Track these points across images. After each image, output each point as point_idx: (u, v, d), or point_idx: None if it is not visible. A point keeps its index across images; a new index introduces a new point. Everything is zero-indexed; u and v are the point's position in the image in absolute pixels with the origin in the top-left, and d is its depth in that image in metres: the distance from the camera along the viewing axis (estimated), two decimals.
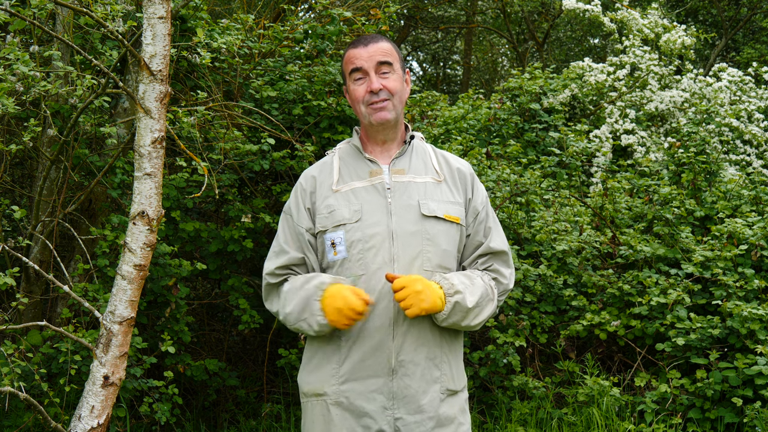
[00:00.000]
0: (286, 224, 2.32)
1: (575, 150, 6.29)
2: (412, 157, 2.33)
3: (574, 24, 15.14)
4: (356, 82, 2.26)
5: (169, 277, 4.16)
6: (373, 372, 2.19)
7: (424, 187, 2.27)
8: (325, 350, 2.25)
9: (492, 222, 2.35)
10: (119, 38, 2.91)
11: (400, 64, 2.30)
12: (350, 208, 2.23)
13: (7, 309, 4.25)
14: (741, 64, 12.37)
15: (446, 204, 2.27)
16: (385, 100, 2.24)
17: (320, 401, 2.24)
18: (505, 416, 4.59)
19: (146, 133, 2.73)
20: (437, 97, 8.07)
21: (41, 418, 3.65)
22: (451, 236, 2.26)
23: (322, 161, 2.37)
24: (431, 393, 2.22)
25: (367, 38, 2.27)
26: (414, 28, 16.19)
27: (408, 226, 2.22)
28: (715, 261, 4.88)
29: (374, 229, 2.20)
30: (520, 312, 4.91)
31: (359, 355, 2.20)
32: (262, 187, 4.99)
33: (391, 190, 2.25)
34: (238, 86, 4.77)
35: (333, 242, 2.23)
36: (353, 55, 2.26)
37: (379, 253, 2.19)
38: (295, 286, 2.24)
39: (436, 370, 2.23)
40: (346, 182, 2.28)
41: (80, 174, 4.37)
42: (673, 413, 4.45)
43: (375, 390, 2.19)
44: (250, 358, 5.35)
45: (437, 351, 2.24)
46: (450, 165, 2.36)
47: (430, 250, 2.22)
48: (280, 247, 2.31)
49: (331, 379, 2.22)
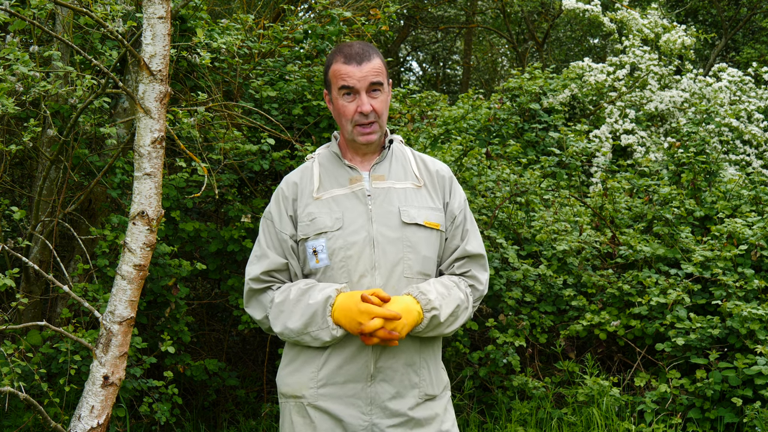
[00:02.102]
0: (268, 229, 2.31)
1: (575, 150, 6.29)
2: (392, 162, 2.33)
3: (574, 24, 15.14)
4: (345, 98, 2.23)
5: (168, 277, 4.16)
6: (351, 377, 2.21)
7: (404, 194, 2.28)
8: (305, 354, 2.26)
9: (470, 224, 2.35)
10: (119, 38, 2.91)
11: (387, 79, 2.28)
12: (332, 215, 2.23)
13: (7, 309, 4.25)
14: (741, 64, 12.37)
15: (426, 210, 2.28)
16: (373, 122, 2.24)
17: (298, 403, 2.25)
18: (504, 416, 4.59)
19: (146, 133, 2.73)
20: (437, 97, 8.07)
21: (41, 418, 3.65)
22: (432, 243, 2.27)
23: (303, 167, 2.37)
24: (409, 398, 2.23)
25: (360, 54, 2.22)
26: (414, 28, 16.19)
27: (389, 232, 2.22)
28: (714, 261, 4.88)
29: (355, 237, 2.21)
30: (520, 312, 4.91)
31: (338, 360, 2.21)
32: (261, 187, 4.99)
33: (371, 196, 2.26)
34: (237, 86, 4.77)
35: (315, 250, 2.23)
36: (346, 72, 2.21)
37: (361, 260, 2.20)
38: (290, 298, 2.23)
39: (415, 376, 2.25)
40: (326, 189, 2.28)
41: (80, 174, 4.37)
42: (672, 413, 4.45)
43: (353, 395, 2.21)
44: (249, 358, 5.35)
45: (416, 357, 2.25)
46: (429, 169, 2.36)
47: (411, 257, 2.23)
48: (262, 252, 2.30)
49: (309, 382, 2.24)
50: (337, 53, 2.26)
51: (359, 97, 2.22)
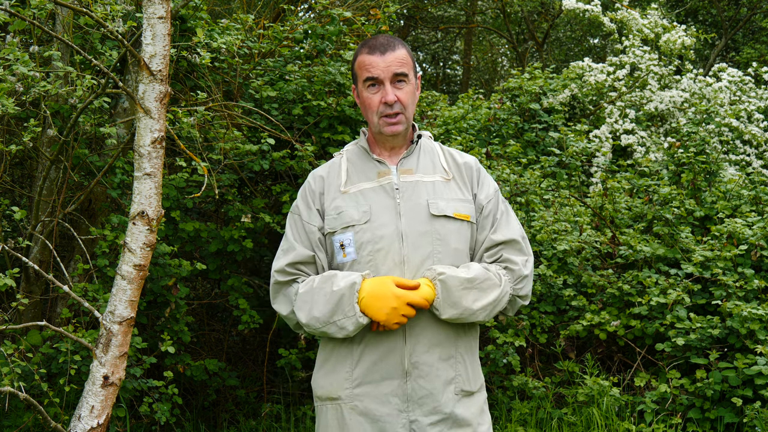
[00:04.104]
0: (295, 223, 2.28)
1: (575, 150, 6.29)
2: (420, 156, 2.30)
3: (574, 24, 15.14)
4: (370, 89, 2.22)
5: (168, 277, 4.16)
6: (386, 374, 2.17)
7: (433, 186, 2.25)
8: (338, 354, 2.22)
9: (500, 214, 2.29)
10: (119, 38, 2.91)
11: (413, 70, 2.26)
12: (359, 209, 2.21)
13: (7, 309, 4.26)
14: (741, 64, 12.37)
15: (456, 202, 2.24)
16: (399, 113, 2.21)
17: (335, 405, 2.21)
18: (505, 416, 4.59)
19: (146, 133, 2.73)
20: (437, 97, 8.07)
21: (41, 418, 3.65)
22: (462, 235, 2.23)
23: (330, 162, 2.34)
24: (446, 394, 2.19)
25: (384, 45, 2.21)
26: (414, 28, 16.19)
27: (418, 226, 2.19)
28: (714, 261, 4.88)
29: (383, 231, 2.18)
30: (520, 312, 4.91)
31: (372, 358, 2.17)
32: (261, 187, 4.99)
33: (399, 190, 2.23)
34: (237, 86, 4.77)
35: (342, 244, 2.20)
36: (369, 62, 2.20)
37: (389, 254, 2.17)
38: (314, 287, 2.18)
39: (451, 371, 2.20)
40: (354, 183, 2.25)
41: (80, 174, 4.37)
42: (672, 413, 4.45)
43: (389, 393, 2.17)
44: (249, 358, 5.35)
45: (452, 351, 2.21)
46: (457, 162, 2.33)
47: (441, 251, 2.19)
48: (289, 245, 2.26)
49: (344, 382, 2.20)
50: (363, 46, 2.25)
51: (383, 88, 2.20)
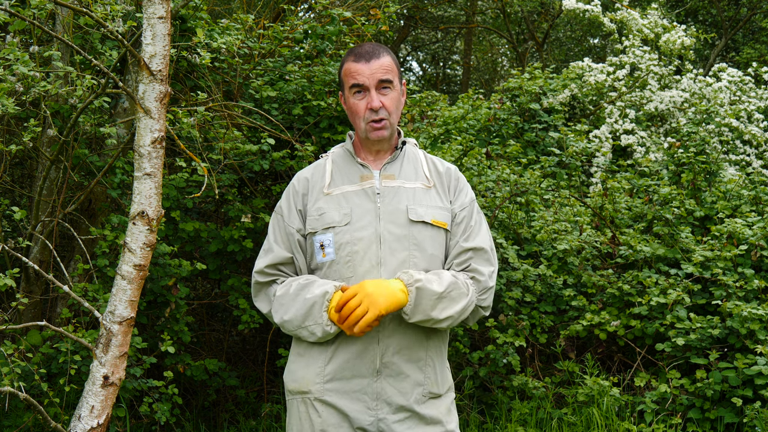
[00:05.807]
0: (277, 224, 2.36)
1: (575, 150, 6.29)
2: (404, 163, 2.37)
3: (574, 24, 15.14)
4: (356, 96, 2.29)
5: (169, 277, 4.16)
6: (357, 372, 2.24)
7: (414, 193, 2.31)
8: (311, 351, 2.28)
9: (474, 222, 2.35)
10: (119, 38, 2.91)
11: (398, 77, 2.32)
12: (340, 211, 2.27)
13: (7, 309, 4.25)
14: (741, 64, 12.37)
15: (434, 209, 2.30)
16: (383, 119, 2.28)
17: (304, 399, 2.28)
18: (504, 416, 4.59)
19: (146, 133, 2.73)
20: (437, 97, 8.08)
21: (41, 418, 3.65)
22: (438, 242, 2.30)
23: (316, 164, 2.42)
24: (414, 395, 2.25)
25: (369, 52, 2.28)
26: (414, 28, 16.19)
27: (395, 230, 2.25)
28: (714, 261, 4.88)
29: (362, 233, 2.24)
30: (520, 312, 4.91)
31: (345, 356, 2.24)
32: (261, 187, 4.99)
33: (381, 194, 2.29)
34: (237, 86, 4.77)
35: (322, 244, 2.27)
36: (355, 70, 2.27)
37: (366, 256, 2.23)
38: (290, 292, 2.27)
39: (420, 374, 2.27)
40: (337, 185, 2.32)
41: (80, 174, 4.37)
42: (672, 413, 4.45)
43: (359, 390, 2.23)
44: (249, 358, 5.35)
45: (422, 354, 2.27)
46: (438, 170, 2.39)
47: (417, 255, 2.26)
48: (269, 246, 2.35)
49: (316, 377, 2.26)
50: (349, 54, 2.32)
51: (369, 94, 2.26)
